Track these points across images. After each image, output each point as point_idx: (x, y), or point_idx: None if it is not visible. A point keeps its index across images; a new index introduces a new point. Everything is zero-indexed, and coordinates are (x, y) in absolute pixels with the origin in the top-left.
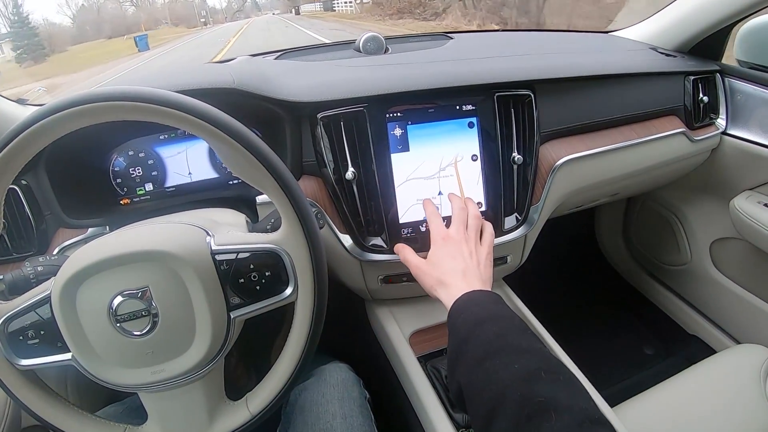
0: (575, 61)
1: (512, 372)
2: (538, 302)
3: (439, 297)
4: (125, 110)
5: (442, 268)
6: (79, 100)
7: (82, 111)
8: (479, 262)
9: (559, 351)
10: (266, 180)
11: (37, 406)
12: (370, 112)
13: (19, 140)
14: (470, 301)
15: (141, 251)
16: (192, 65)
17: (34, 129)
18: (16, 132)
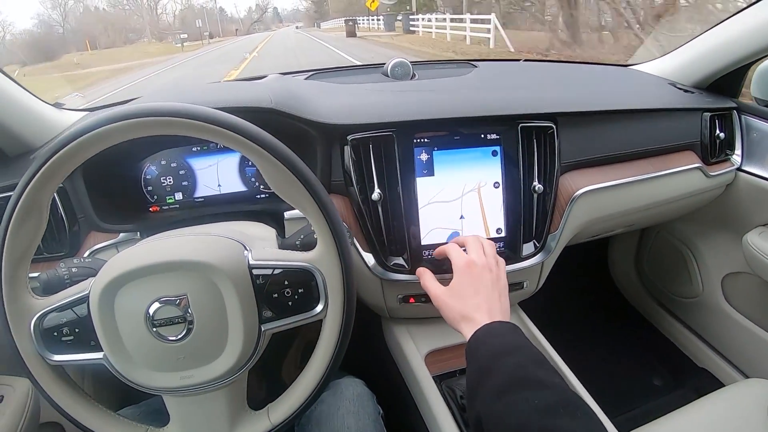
0: (596, 95)
1: (532, 406)
2: (550, 328)
3: (461, 331)
4: (179, 126)
5: (466, 303)
6: (137, 112)
7: (138, 123)
8: (500, 293)
9: (576, 382)
10: (306, 201)
11: (63, 401)
12: (398, 137)
13: (76, 144)
14: (490, 332)
15: (182, 261)
16: (229, 83)
17: (90, 136)
18: (72, 136)
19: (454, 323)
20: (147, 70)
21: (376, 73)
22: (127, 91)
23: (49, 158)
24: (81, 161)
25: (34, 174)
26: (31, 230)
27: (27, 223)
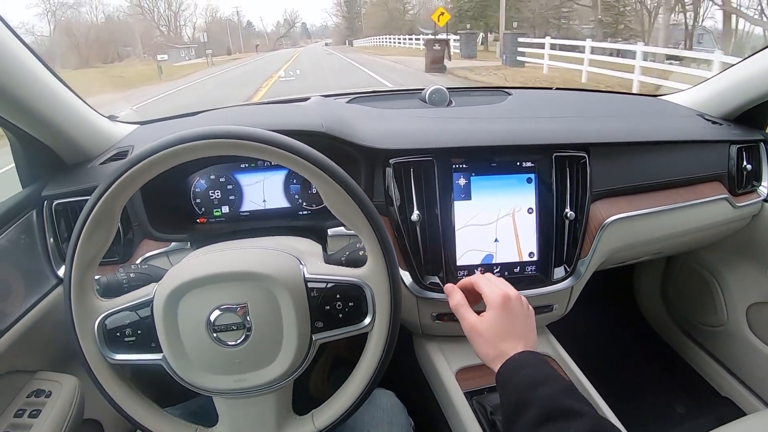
0: (627, 127)
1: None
2: (576, 352)
3: (492, 365)
4: (252, 149)
5: (503, 338)
6: (215, 133)
7: (214, 144)
8: (533, 328)
9: (604, 406)
10: (361, 222)
11: (120, 399)
12: (438, 162)
13: (155, 158)
14: (521, 363)
15: (244, 272)
16: (279, 105)
17: (169, 151)
18: (152, 150)
19: (487, 358)
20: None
21: (414, 99)
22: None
23: (127, 169)
24: (155, 174)
25: (111, 183)
26: (102, 237)
27: (99, 231)
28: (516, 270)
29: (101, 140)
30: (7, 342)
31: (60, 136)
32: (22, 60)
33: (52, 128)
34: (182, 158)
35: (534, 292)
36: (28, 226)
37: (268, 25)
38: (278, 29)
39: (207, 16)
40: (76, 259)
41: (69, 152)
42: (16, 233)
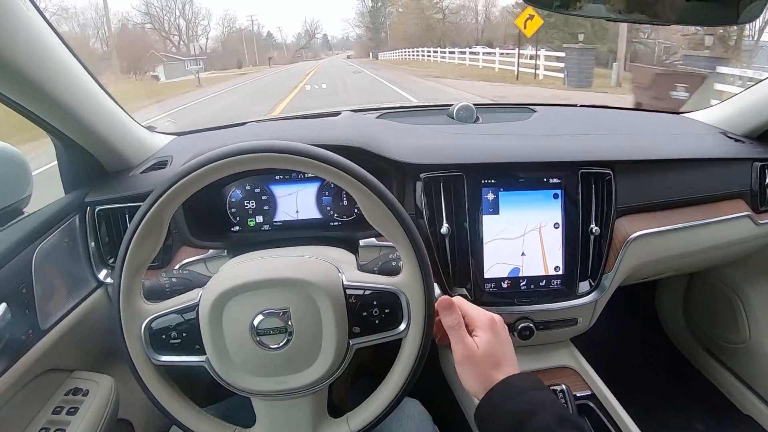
0: (651, 144)
1: None
2: (597, 365)
3: (477, 395)
4: (298, 163)
5: (496, 364)
6: (265, 147)
7: (262, 157)
8: (514, 353)
9: (628, 421)
10: (398, 234)
11: (163, 398)
12: (467, 177)
13: (207, 169)
14: (512, 388)
15: (287, 278)
16: (313, 120)
17: (220, 163)
18: (205, 162)
19: (478, 386)
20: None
21: (442, 115)
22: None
23: (180, 178)
24: (205, 184)
25: (164, 192)
26: (152, 244)
27: (149, 237)
28: (542, 283)
29: (141, 150)
30: (49, 342)
31: (103, 144)
32: (73, 70)
33: (97, 137)
34: (233, 170)
35: (559, 306)
36: (71, 231)
37: (288, 36)
38: (299, 41)
39: (224, 27)
40: (126, 264)
41: (111, 160)
42: (59, 237)
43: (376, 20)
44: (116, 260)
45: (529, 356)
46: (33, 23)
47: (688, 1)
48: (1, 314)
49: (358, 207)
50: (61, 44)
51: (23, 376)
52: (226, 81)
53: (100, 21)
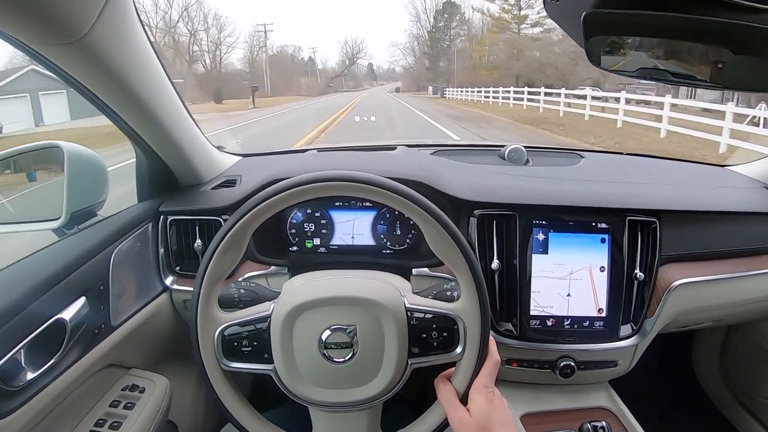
0: (697, 195)
1: None
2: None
3: None
4: (373, 193)
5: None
6: (346, 177)
7: (342, 186)
8: (512, 420)
9: None
10: (460, 263)
11: (228, 402)
12: (519, 217)
13: (294, 191)
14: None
15: (357, 297)
16: (374, 152)
17: (304, 188)
18: (293, 184)
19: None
20: None
21: (493, 155)
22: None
23: (268, 198)
24: (287, 206)
25: (253, 208)
26: (234, 257)
27: (232, 250)
28: (585, 324)
29: (213, 168)
30: (116, 338)
31: (181, 159)
32: (168, 90)
33: (177, 152)
34: (316, 195)
35: (601, 347)
36: (144, 237)
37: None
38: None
39: (252, 46)
40: (207, 273)
41: (185, 175)
42: (134, 241)
43: (436, 45)
44: (193, 267)
45: (567, 395)
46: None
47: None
48: (80, 307)
49: (410, 237)
50: (160, 65)
51: (91, 367)
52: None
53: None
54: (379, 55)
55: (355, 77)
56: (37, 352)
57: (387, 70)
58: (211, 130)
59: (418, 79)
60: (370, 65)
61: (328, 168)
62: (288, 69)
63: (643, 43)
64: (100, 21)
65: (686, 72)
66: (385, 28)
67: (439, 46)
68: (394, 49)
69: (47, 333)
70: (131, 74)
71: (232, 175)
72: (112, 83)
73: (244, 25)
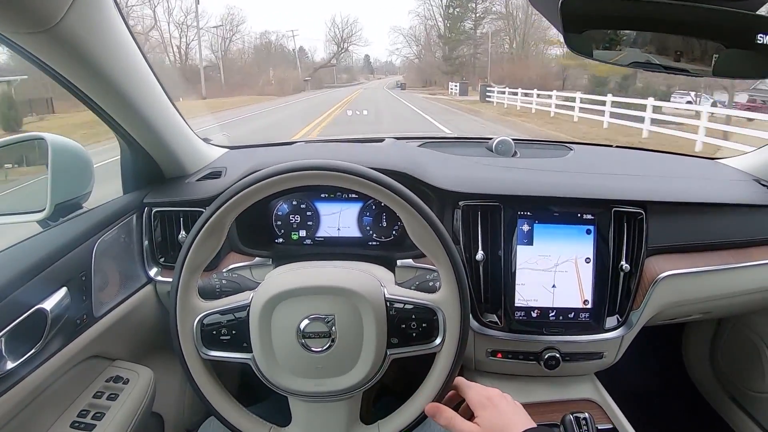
0: (684, 187)
1: None
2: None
3: None
4: (353, 182)
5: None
6: (327, 166)
7: (321, 174)
8: (526, 417)
9: None
10: (440, 254)
11: (207, 392)
12: (504, 208)
13: (273, 180)
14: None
15: (336, 287)
16: (361, 145)
17: (285, 176)
18: (273, 173)
19: None
20: None
21: (481, 147)
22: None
23: (247, 187)
24: (267, 195)
25: (231, 197)
26: (213, 245)
27: (211, 239)
28: (570, 316)
29: (198, 159)
30: (99, 329)
31: (166, 151)
32: (151, 82)
33: (162, 144)
34: (296, 183)
35: (586, 339)
36: (128, 228)
37: (317, 50)
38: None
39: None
40: (186, 262)
41: (170, 167)
42: (117, 233)
43: (456, 25)
44: (177, 258)
45: (553, 387)
46: (124, 36)
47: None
48: (62, 297)
49: (395, 228)
50: (142, 58)
51: (73, 358)
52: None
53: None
54: (379, 43)
55: (348, 69)
56: (17, 341)
57: (385, 63)
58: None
59: (427, 71)
60: (366, 57)
61: (314, 159)
62: (265, 60)
63: (635, 38)
64: (73, 8)
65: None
66: (383, 10)
67: (459, 28)
68: (396, 35)
69: (28, 322)
70: (109, 63)
71: (218, 167)
72: (90, 73)
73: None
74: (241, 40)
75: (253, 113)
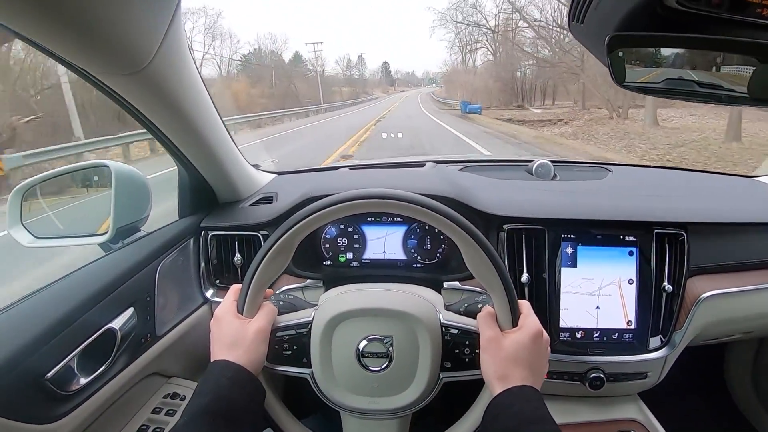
0: (724, 207)
1: None
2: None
3: (491, 386)
4: (416, 212)
5: (516, 367)
6: (389, 195)
7: (384, 203)
8: (545, 371)
9: None
10: (495, 282)
11: (268, 404)
12: (548, 231)
13: (338, 207)
14: (522, 395)
15: (395, 309)
16: (407, 170)
17: (349, 204)
18: (338, 200)
19: (492, 375)
20: None
21: (521, 170)
22: None
23: (316, 212)
24: (333, 219)
25: (301, 220)
26: (279, 264)
27: (279, 258)
28: (614, 336)
29: (250, 185)
30: (159, 348)
31: (222, 178)
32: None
33: (218, 170)
34: (360, 210)
35: (630, 359)
36: (186, 251)
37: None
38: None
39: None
40: (255, 278)
41: (224, 192)
42: (177, 255)
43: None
44: (238, 277)
45: (597, 407)
46: (196, 74)
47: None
48: (129, 317)
49: (440, 251)
50: (206, 91)
51: (136, 375)
52: None
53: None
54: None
55: (353, 82)
56: (89, 359)
57: (406, 74)
58: None
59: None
60: (385, 65)
61: (360, 185)
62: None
63: (672, 59)
64: (159, 52)
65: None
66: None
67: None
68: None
69: (99, 341)
70: (184, 101)
71: (269, 192)
72: (167, 110)
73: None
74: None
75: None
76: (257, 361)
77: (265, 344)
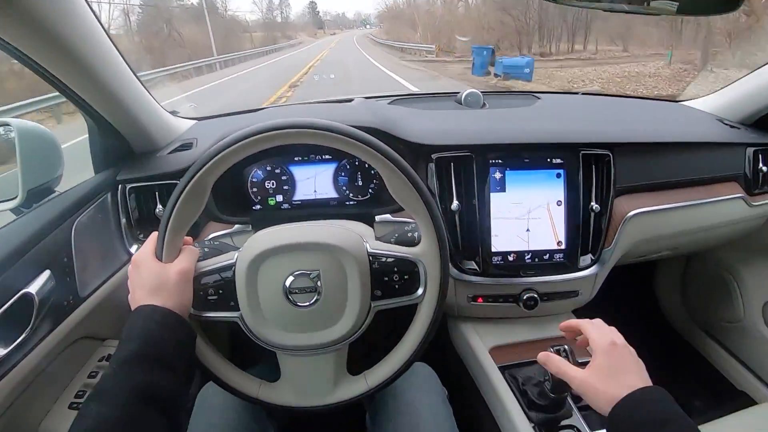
0: (649, 129)
1: None
2: None
3: (608, 410)
4: (332, 140)
5: (619, 383)
6: (305, 124)
7: (298, 132)
8: (645, 373)
9: None
10: (420, 208)
11: (199, 352)
12: (476, 157)
13: (248, 141)
14: (642, 399)
15: (320, 242)
16: (330, 104)
17: (260, 137)
18: (248, 134)
19: (604, 404)
20: None
21: (450, 101)
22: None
23: (227, 147)
24: (244, 156)
25: (210, 159)
26: (195, 208)
27: (193, 201)
28: (545, 257)
29: (167, 133)
30: (86, 309)
31: (134, 126)
32: (114, 56)
33: (130, 119)
34: (274, 143)
35: (561, 278)
36: (104, 207)
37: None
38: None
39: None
40: (170, 223)
41: (139, 142)
42: (93, 213)
43: None
44: (161, 220)
45: (533, 326)
46: (83, 9)
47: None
48: (46, 279)
49: (372, 186)
50: (102, 30)
51: (63, 340)
52: None
53: None
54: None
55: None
56: (6, 327)
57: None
58: None
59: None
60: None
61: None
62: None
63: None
64: None
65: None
66: None
67: None
68: None
69: (15, 308)
70: (70, 37)
71: (188, 139)
72: (51, 47)
73: None
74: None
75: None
76: (184, 304)
77: (190, 286)
